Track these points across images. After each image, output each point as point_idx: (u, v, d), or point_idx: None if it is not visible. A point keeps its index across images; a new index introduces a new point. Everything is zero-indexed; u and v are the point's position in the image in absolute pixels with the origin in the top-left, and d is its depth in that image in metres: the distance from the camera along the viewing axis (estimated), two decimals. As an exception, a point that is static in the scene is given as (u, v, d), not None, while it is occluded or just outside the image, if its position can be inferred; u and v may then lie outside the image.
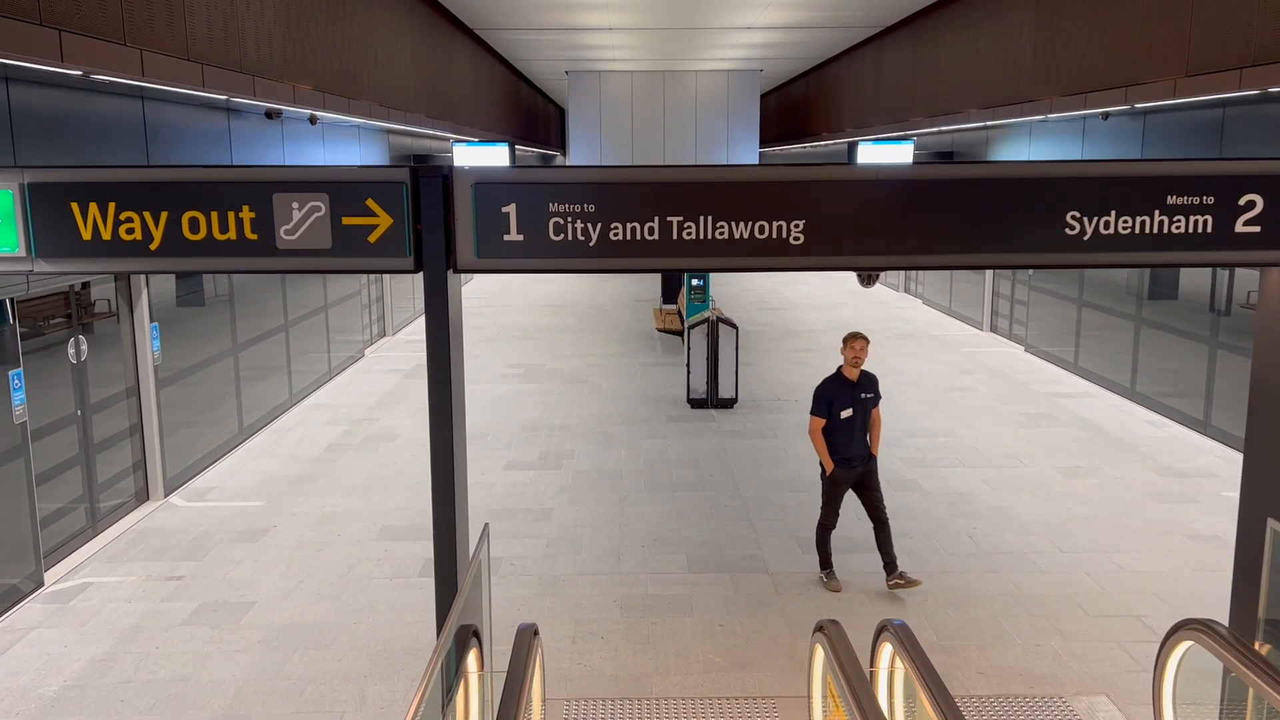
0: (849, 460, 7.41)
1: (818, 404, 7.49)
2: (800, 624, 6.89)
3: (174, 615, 7.08)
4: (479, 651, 4.58)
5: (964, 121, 17.06)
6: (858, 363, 7.43)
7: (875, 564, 7.84)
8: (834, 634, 4.51)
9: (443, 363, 4.45)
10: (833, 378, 7.54)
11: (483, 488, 9.73)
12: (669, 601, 7.25)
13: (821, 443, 7.45)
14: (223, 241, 4.32)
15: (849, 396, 7.39)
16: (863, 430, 7.43)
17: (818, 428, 7.47)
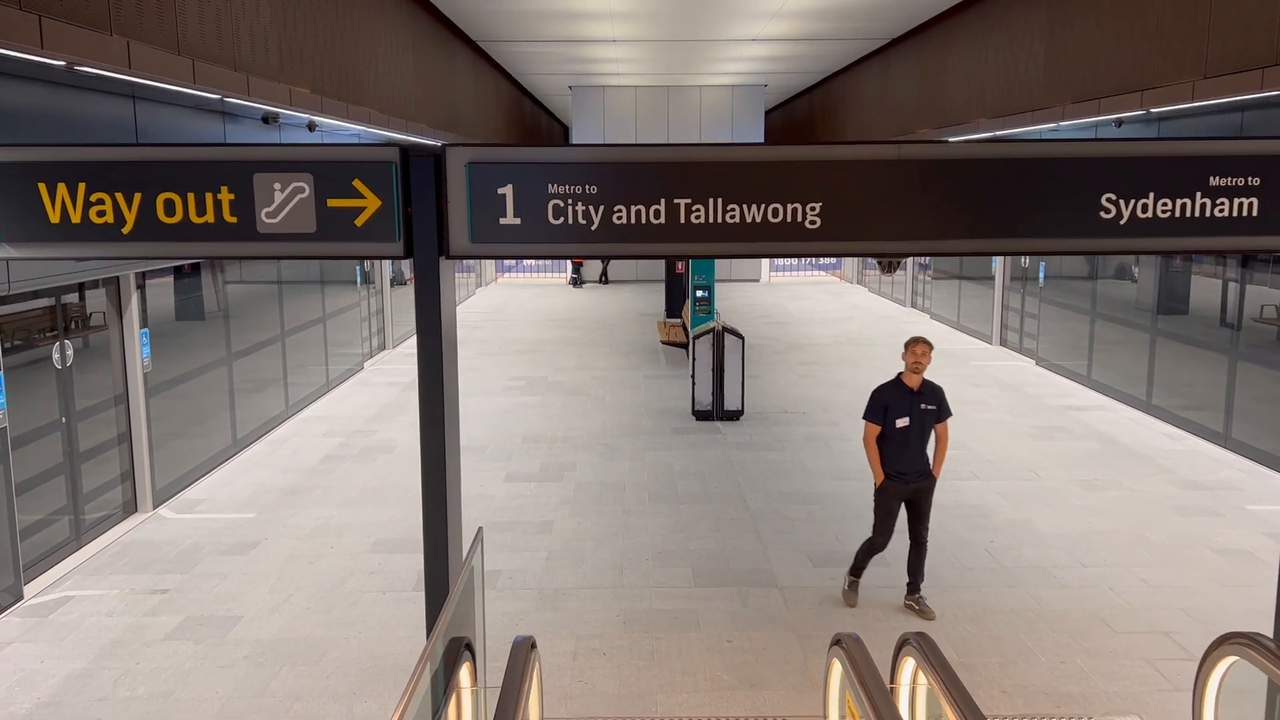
0: (902, 475, 6.86)
1: (872, 409, 6.97)
2: (813, 640, 6.57)
3: (157, 630, 6.77)
4: (472, 666, 4.27)
5: (972, 133, 16.83)
6: (918, 369, 6.84)
7: (893, 579, 7.53)
8: (853, 648, 4.20)
9: (434, 355, 4.17)
10: (890, 384, 6.98)
11: (482, 500, 9.43)
12: (674, 616, 6.94)
13: (874, 451, 6.93)
14: (200, 225, 4.05)
15: (906, 405, 6.86)
16: (921, 444, 6.88)
17: (871, 435, 6.95)
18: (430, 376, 4.15)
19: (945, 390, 7.19)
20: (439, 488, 4.15)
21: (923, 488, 6.93)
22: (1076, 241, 4.10)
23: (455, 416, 4.31)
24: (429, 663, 3.26)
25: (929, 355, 6.86)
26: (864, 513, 8.92)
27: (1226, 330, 11.43)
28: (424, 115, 16.78)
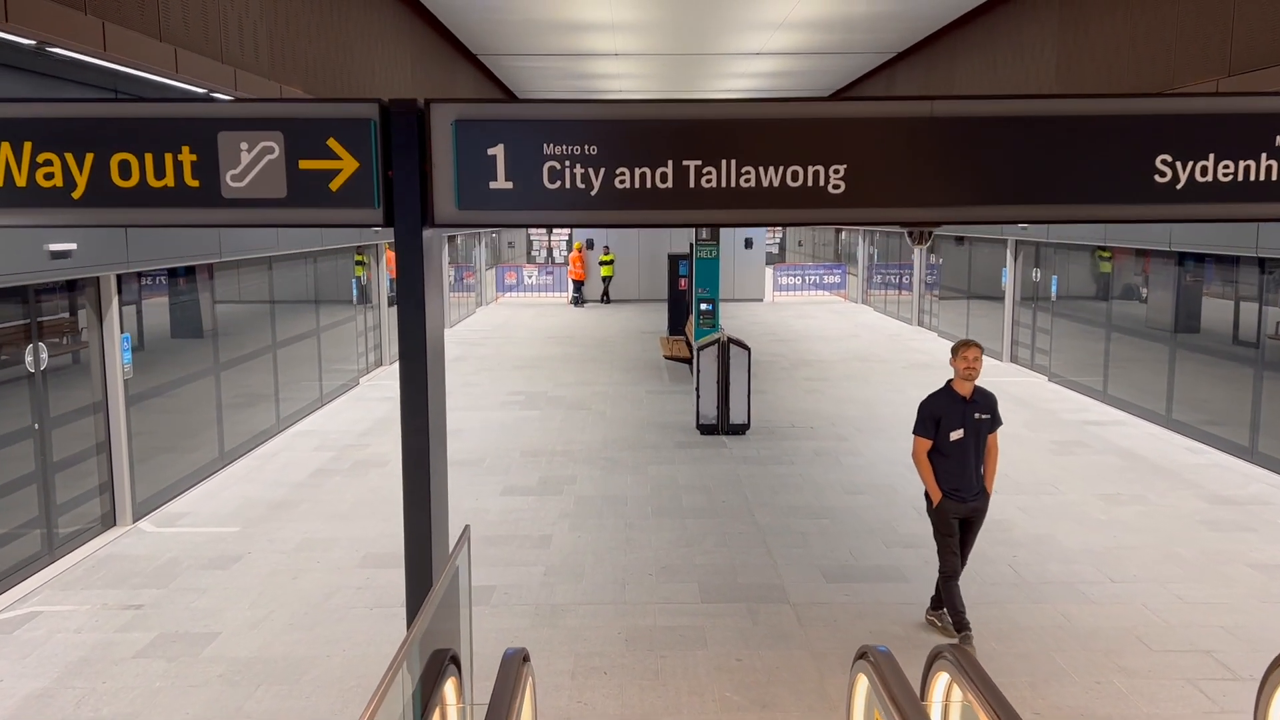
0: (958, 492, 6.25)
1: (922, 422, 6.36)
2: (829, 659, 6.12)
3: (127, 647, 6.34)
4: (458, 681, 3.85)
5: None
6: (970, 375, 6.22)
7: (911, 595, 7.11)
8: (882, 662, 3.77)
9: (417, 336, 3.77)
10: (941, 392, 6.40)
11: (476, 514, 9.00)
12: (680, 634, 6.50)
13: (927, 467, 6.34)
14: (159, 189, 3.67)
15: (959, 415, 6.24)
16: (977, 457, 6.28)
17: (922, 450, 6.35)
18: (412, 358, 3.75)
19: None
20: (421, 483, 3.74)
21: (980, 507, 6.37)
22: (1128, 209, 3.71)
23: (441, 402, 3.90)
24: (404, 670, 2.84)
25: (980, 360, 6.27)
26: (879, 528, 8.51)
27: (1247, 346, 11.03)
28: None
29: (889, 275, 26.18)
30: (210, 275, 10.68)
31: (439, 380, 3.86)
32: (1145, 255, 13.67)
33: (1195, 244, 11.46)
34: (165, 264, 9.23)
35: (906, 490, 9.66)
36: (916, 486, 9.75)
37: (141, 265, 8.70)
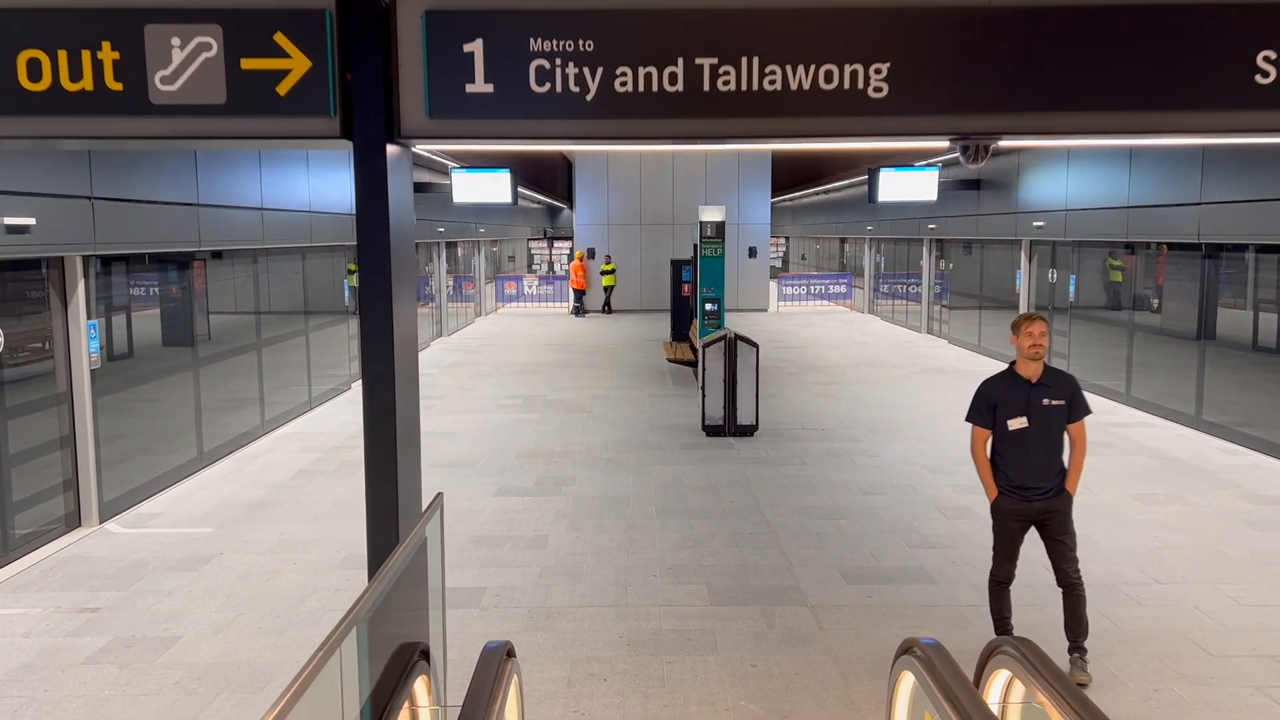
0: (1021, 490, 5.37)
1: (975, 408, 5.51)
2: (853, 664, 5.51)
3: (76, 652, 5.73)
4: (429, 680, 3.25)
5: (996, 139, 15.90)
6: (1037, 354, 5.30)
7: (939, 596, 6.51)
8: (932, 656, 3.17)
9: (380, 272, 3.19)
10: (1001, 375, 5.51)
11: (468, 515, 8.40)
12: (688, 637, 5.89)
13: (981, 461, 5.52)
14: (74, 94, 3.10)
15: (1021, 400, 5.33)
16: (1047, 450, 5.35)
17: (978, 441, 5.52)
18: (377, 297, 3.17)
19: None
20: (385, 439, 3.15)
21: (1052, 508, 5.36)
22: (1223, 116, 3.13)
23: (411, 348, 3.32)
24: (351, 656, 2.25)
25: (1047, 337, 5.40)
26: (900, 528, 7.91)
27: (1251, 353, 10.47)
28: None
29: (896, 284, 25.63)
30: (189, 267, 10.12)
31: (408, 319, 3.28)
32: (1160, 259, 13.14)
33: (1227, 234, 10.88)
34: (136, 248, 8.67)
35: (927, 490, 9.06)
36: (937, 487, 9.18)
37: (109, 248, 8.14)
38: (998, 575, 5.59)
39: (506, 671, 3.18)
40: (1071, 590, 5.38)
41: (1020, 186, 16.71)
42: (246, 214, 10.80)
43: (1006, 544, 5.52)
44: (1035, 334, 5.30)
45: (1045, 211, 15.63)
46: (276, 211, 11.58)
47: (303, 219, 12.52)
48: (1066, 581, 5.39)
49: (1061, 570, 5.39)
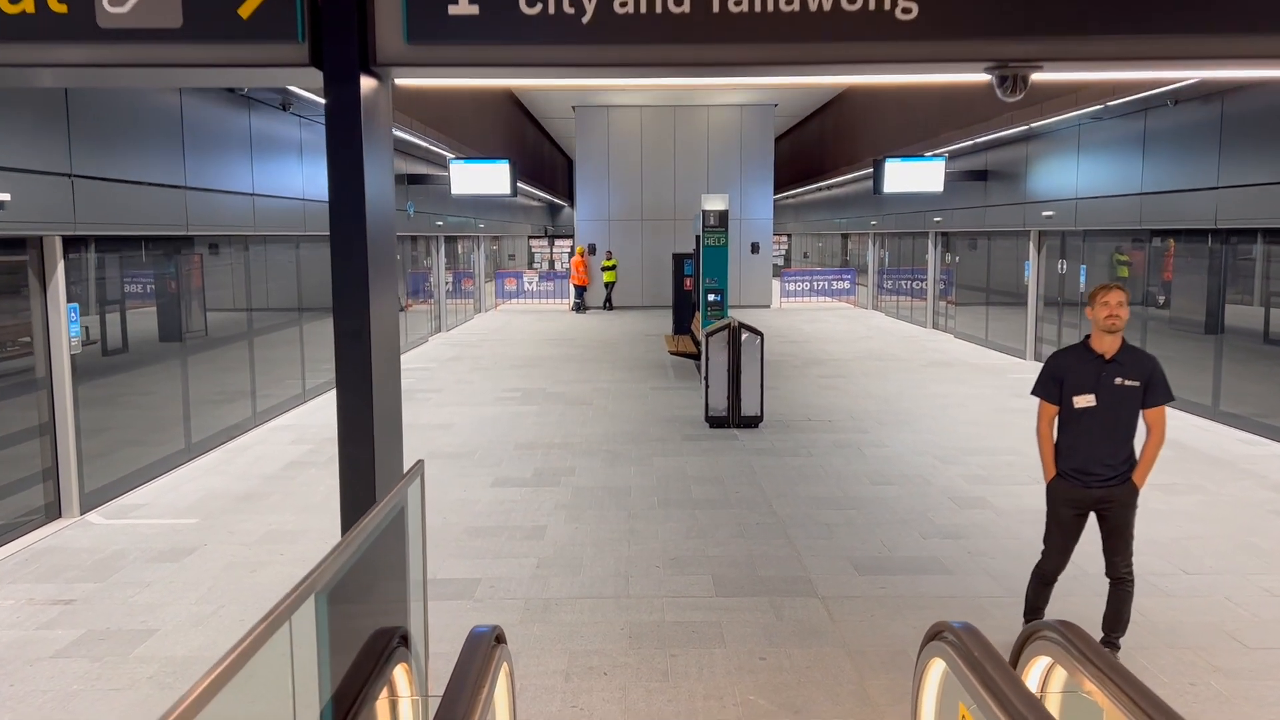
0: (1082, 474, 4.95)
1: (1042, 381, 5.11)
2: (867, 656, 5.20)
3: (46, 645, 5.43)
4: (409, 667, 2.94)
5: (1003, 128, 15.66)
6: (1113, 326, 4.84)
7: (956, 587, 6.20)
8: (967, 640, 2.86)
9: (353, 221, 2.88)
10: (1073, 348, 5.09)
11: (463, 505, 8.10)
12: (693, 630, 5.58)
13: (1046, 438, 5.11)
14: (14, 17, 2.78)
15: (1092, 377, 4.89)
16: (1115, 433, 4.90)
17: (1044, 417, 5.11)
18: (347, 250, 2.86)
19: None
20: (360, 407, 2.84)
21: (1113, 496, 4.93)
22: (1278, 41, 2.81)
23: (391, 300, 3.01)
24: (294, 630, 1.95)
25: (1126, 308, 4.88)
26: (912, 519, 7.60)
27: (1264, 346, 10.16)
28: (413, 108, 15.66)
29: (901, 280, 25.31)
30: (178, 253, 9.81)
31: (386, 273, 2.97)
32: (1168, 254, 12.85)
33: (1247, 219, 10.57)
34: (119, 229, 8.36)
35: (939, 481, 8.75)
36: (950, 477, 8.87)
37: (90, 228, 7.84)
38: (1044, 569, 5.20)
39: (495, 658, 2.87)
40: (1120, 584, 5.05)
41: (1029, 177, 16.40)
42: (237, 199, 10.50)
43: (1059, 533, 5.10)
44: (1112, 304, 4.84)
45: (1055, 201, 15.32)
46: (269, 198, 11.28)
47: (296, 207, 12.21)
48: (1116, 574, 5.04)
49: (1113, 562, 5.03)
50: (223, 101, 10.13)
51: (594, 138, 28.46)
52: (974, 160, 18.70)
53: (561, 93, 26.39)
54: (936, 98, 19.29)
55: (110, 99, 8.09)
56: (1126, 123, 13.04)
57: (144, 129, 8.66)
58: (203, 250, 10.37)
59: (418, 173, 18.44)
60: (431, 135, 16.63)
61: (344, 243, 2.90)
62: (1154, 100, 11.97)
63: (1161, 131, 12.20)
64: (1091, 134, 14.10)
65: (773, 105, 28.66)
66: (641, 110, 28.30)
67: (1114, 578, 5.06)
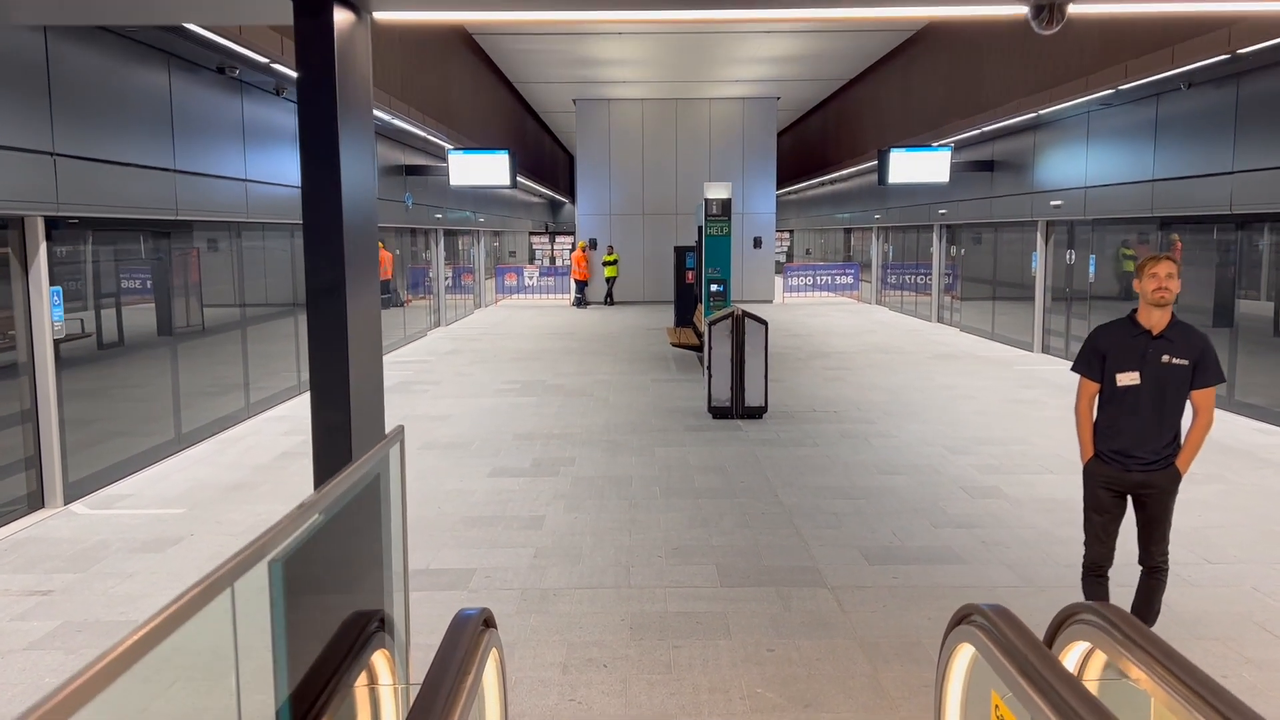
0: (1122, 457, 4.62)
1: (1083, 357, 4.74)
2: (881, 648, 4.95)
3: (20, 637, 5.18)
4: (389, 655, 2.70)
5: (1010, 116, 15.40)
6: (1162, 299, 4.48)
7: (971, 577, 5.96)
8: (1000, 623, 2.61)
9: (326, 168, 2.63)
10: (1117, 321, 4.72)
11: (458, 495, 7.85)
12: (697, 620, 5.33)
13: (1085, 417, 4.77)
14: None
15: (1137, 354, 4.55)
16: (1158, 415, 4.53)
17: (1084, 395, 4.76)
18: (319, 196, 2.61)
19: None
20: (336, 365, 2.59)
21: (1153, 482, 4.59)
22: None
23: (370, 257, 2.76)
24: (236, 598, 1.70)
25: (1176, 280, 4.51)
26: (924, 508, 7.36)
27: None
28: (412, 98, 15.42)
29: (905, 275, 25.05)
30: (169, 239, 9.57)
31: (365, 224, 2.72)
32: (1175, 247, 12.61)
33: (1264, 203, 10.30)
34: (104, 211, 8.11)
35: (950, 471, 8.50)
36: (961, 467, 8.62)
37: (74, 209, 7.60)
38: (1090, 561, 4.86)
39: (483, 643, 2.62)
40: (1154, 573, 4.76)
41: (1036, 167, 16.15)
42: (229, 185, 10.25)
43: (1097, 519, 4.79)
44: (1161, 275, 4.47)
45: (1063, 191, 15.06)
46: (263, 184, 11.04)
47: (291, 195, 11.97)
48: (1150, 563, 4.74)
49: (1148, 551, 4.72)
50: (214, 85, 9.88)
51: (595, 131, 28.21)
52: (980, 151, 18.44)
53: (562, 85, 26.14)
54: (942, 87, 19.03)
55: (95, 77, 7.85)
56: (1138, 108, 12.78)
57: (131, 109, 8.42)
58: (197, 239, 10.13)
59: (416, 164, 18.19)
60: (430, 124, 16.38)
61: (316, 191, 2.65)
62: (1167, 84, 11.72)
63: (1175, 116, 11.94)
64: (1102, 121, 13.84)
65: (775, 98, 28.41)
66: (643, 103, 28.05)
67: (1149, 567, 4.77)
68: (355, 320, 2.60)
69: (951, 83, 18.45)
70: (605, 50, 20.97)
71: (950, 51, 18.42)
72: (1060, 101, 13.46)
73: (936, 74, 19.35)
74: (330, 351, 2.62)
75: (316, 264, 2.62)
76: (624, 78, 24.61)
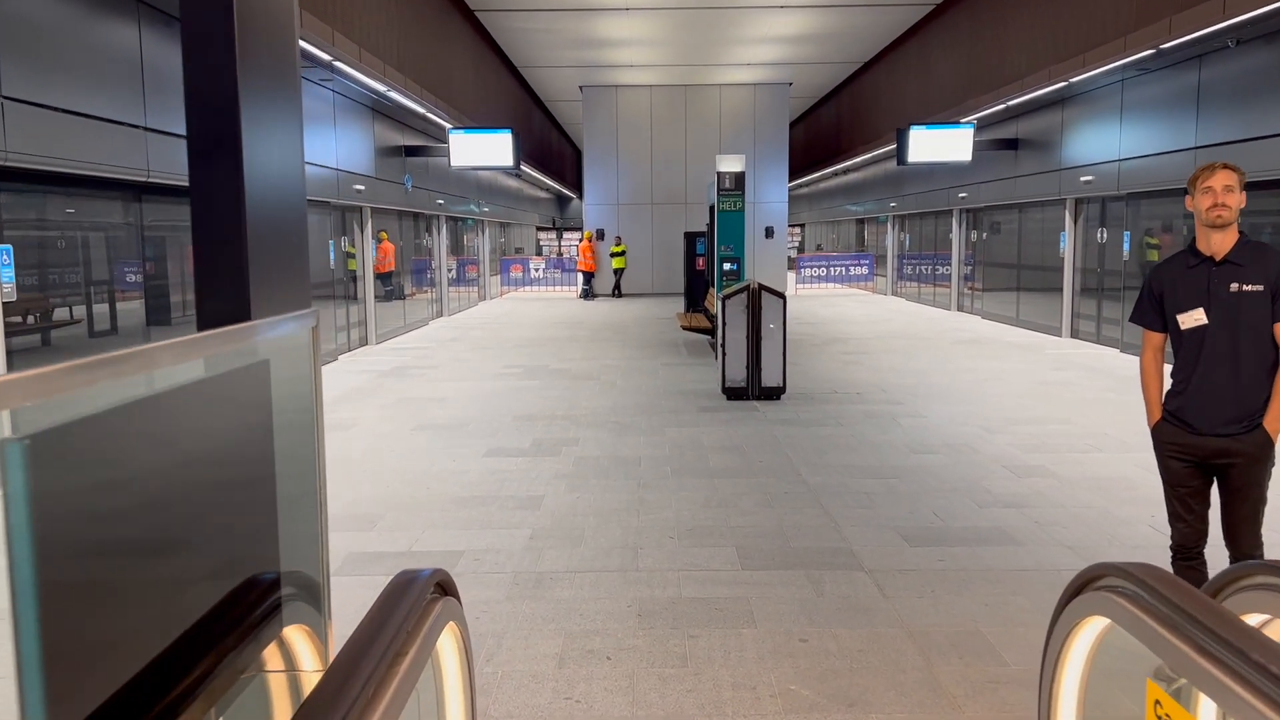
0: (1187, 417, 3.82)
1: (1139, 304, 3.97)
2: (933, 637, 4.21)
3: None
4: (311, 632, 1.98)
5: (1039, 86, 14.64)
6: (1220, 219, 3.64)
7: (1027, 559, 5.23)
8: (1158, 584, 1.87)
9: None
10: (1176, 255, 3.90)
11: (451, 475, 7.13)
12: (716, 607, 4.59)
13: (1151, 375, 3.98)
14: None
15: (1200, 288, 3.73)
16: (1233, 360, 3.70)
17: (1149, 348, 3.96)
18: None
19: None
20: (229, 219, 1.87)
21: (1235, 449, 3.73)
22: None
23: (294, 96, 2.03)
24: None
25: (1237, 192, 3.66)
26: (964, 487, 6.63)
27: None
28: (411, 72, 14.73)
29: (922, 265, 24.26)
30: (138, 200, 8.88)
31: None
32: None
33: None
34: (60, 165, 7.42)
35: (989, 450, 7.76)
36: (1000, 446, 7.88)
37: (25, 160, 6.90)
38: (1176, 545, 4.02)
39: (434, 613, 1.90)
40: (1241, 556, 3.90)
41: (1064, 144, 15.37)
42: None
43: (1173, 494, 3.97)
44: (1217, 189, 3.62)
45: (1094, 165, 14.29)
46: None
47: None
48: (1240, 552, 3.88)
49: (1234, 537, 3.86)
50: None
51: (601, 119, 27.51)
52: (1003, 129, 17.67)
53: (568, 69, 25.45)
54: (963, 63, 18.28)
55: (53, 21, 7.16)
56: (1177, 74, 12.01)
57: (96, 59, 7.73)
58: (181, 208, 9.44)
59: (416, 145, 17.51)
60: (429, 100, 15.69)
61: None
62: (1211, 43, 10.95)
63: (1219, 79, 11.17)
64: (1137, 89, 13.07)
65: (787, 84, 27.67)
66: (651, 90, 27.35)
67: (1232, 541, 3.92)
68: (253, 171, 1.87)
69: (973, 57, 17.70)
70: (612, 29, 20.26)
71: (972, 23, 17.66)
72: (1094, 66, 12.69)
73: (957, 49, 18.59)
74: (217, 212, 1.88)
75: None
76: (632, 60, 23.91)
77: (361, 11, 12.38)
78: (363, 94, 13.98)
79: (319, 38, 10.61)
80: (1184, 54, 11.54)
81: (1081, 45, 13.09)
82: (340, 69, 11.78)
